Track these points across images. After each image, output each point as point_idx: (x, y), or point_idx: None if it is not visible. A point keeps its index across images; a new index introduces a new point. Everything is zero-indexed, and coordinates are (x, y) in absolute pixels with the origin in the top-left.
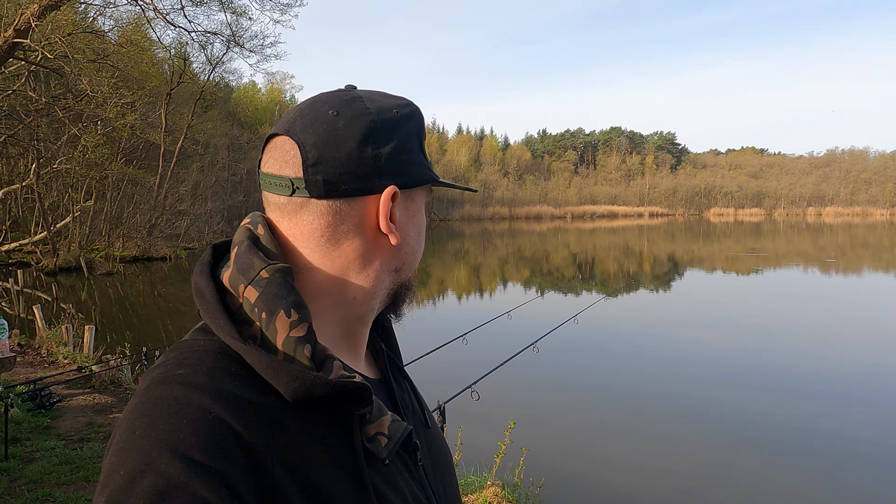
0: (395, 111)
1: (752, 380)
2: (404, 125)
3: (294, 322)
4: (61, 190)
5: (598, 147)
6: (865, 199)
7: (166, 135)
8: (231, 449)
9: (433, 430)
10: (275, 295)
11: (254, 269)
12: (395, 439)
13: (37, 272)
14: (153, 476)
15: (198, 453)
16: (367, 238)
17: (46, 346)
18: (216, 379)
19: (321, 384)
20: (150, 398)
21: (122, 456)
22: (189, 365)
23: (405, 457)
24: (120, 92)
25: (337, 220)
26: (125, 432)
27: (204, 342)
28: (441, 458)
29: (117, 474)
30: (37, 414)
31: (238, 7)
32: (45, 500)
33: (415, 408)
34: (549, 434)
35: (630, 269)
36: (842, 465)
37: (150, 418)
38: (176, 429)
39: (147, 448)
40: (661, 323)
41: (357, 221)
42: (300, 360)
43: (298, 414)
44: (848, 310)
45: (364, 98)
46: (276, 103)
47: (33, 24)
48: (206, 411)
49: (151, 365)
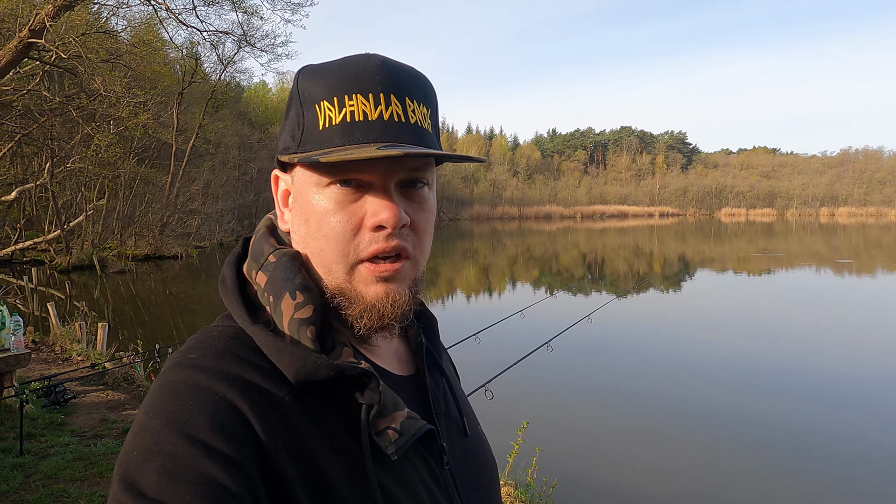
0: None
1: (767, 382)
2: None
3: (299, 304)
4: (74, 189)
5: (609, 147)
6: (880, 200)
7: (178, 134)
8: (237, 429)
9: (473, 439)
10: (281, 278)
11: (263, 254)
12: (408, 436)
13: (50, 270)
14: (162, 457)
15: (204, 433)
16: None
17: (60, 343)
18: (224, 362)
19: (323, 366)
20: (164, 382)
21: (136, 437)
22: (201, 349)
23: (427, 457)
24: (132, 91)
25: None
26: (141, 414)
27: (222, 327)
28: (479, 467)
29: (131, 454)
30: (51, 410)
31: (249, 6)
32: (60, 495)
33: (450, 411)
34: (563, 434)
35: (642, 269)
36: (859, 470)
37: (162, 401)
38: (184, 410)
39: (158, 429)
40: (674, 323)
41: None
42: (304, 342)
43: (306, 399)
44: (864, 311)
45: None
46: (286, 102)
47: (48, 25)
48: (213, 393)
49: (164, 362)
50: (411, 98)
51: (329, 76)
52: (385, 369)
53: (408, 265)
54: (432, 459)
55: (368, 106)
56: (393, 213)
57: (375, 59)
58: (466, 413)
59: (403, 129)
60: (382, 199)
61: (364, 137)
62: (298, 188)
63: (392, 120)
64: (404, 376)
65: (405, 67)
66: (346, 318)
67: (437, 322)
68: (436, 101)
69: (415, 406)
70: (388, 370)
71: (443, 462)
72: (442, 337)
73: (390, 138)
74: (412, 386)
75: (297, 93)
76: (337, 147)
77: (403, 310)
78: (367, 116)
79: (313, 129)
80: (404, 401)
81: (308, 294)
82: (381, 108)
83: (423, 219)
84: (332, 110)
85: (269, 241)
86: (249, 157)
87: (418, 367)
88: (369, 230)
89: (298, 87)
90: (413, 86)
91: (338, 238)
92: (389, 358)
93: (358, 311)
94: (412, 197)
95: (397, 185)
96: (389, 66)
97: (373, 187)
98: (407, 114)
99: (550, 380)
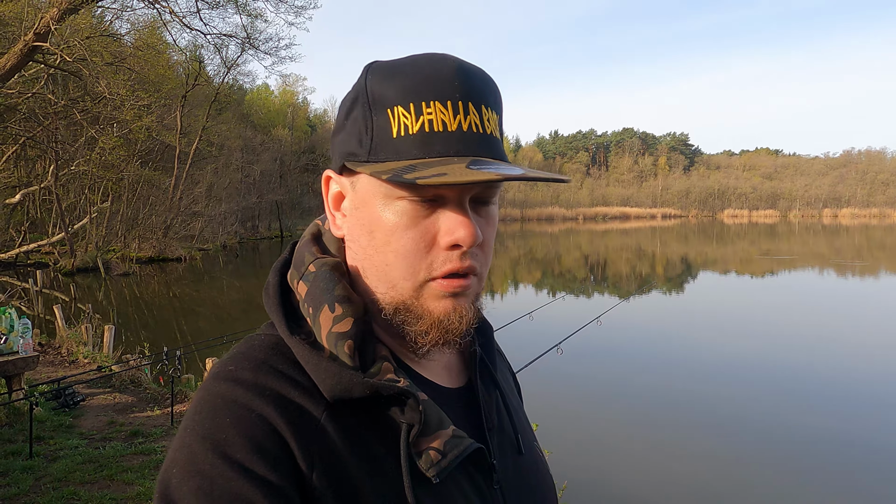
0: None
1: (777, 384)
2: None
3: (338, 317)
4: (79, 191)
5: (611, 148)
6: (883, 201)
7: (181, 137)
8: (273, 449)
9: (528, 457)
10: (321, 290)
11: (304, 263)
12: (451, 457)
13: (55, 273)
14: (199, 478)
15: (241, 453)
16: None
17: (67, 346)
18: (262, 375)
19: (358, 384)
20: (203, 395)
21: (175, 454)
22: (240, 360)
23: (476, 476)
24: (137, 94)
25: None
26: (182, 429)
27: (264, 337)
28: (533, 488)
29: (171, 472)
30: (59, 412)
31: (253, 9)
32: (70, 498)
33: (504, 427)
34: (573, 436)
35: (647, 271)
36: (868, 472)
37: (200, 416)
38: (221, 428)
39: (195, 447)
40: (683, 326)
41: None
42: (341, 357)
43: (343, 416)
44: (872, 312)
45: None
46: (288, 105)
47: (52, 28)
48: (250, 409)
49: (171, 365)
50: (486, 106)
51: (404, 79)
52: (433, 382)
53: (475, 281)
54: (481, 479)
55: (447, 115)
56: (470, 232)
57: (452, 62)
58: (522, 429)
59: (481, 141)
60: (459, 215)
61: (444, 150)
62: (362, 196)
63: (471, 131)
64: (454, 389)
65: (478, 71)
66: (407, 334)
67: (493, 330)
68: (502, 105)
69: (464, 421)
70: (437, 383)
71: (493, 481)
72: None
73: (469, 151)
74: (462, 399)
75: (367, 93)
76: (415, 159)
77: (469, 325)
78: (446, 127)
79: (386, 137)
80: (453, 415)
81: (348, 306)
82: (459, 117)
83: (490, 234)
84: (408, 118)
85: (310, 250)
86: (252, 160)
87: (471, 378)
88: (444, 248)
89: (367, 86)
90: (487, 91)
91: (409, 255)
92: (439, 370)
93: (425, 326)
94: (481, 213)
95: (470, 200)
96: (466, 71)
97: (447, 202)
98: (483, 123)
99: (560, 382)
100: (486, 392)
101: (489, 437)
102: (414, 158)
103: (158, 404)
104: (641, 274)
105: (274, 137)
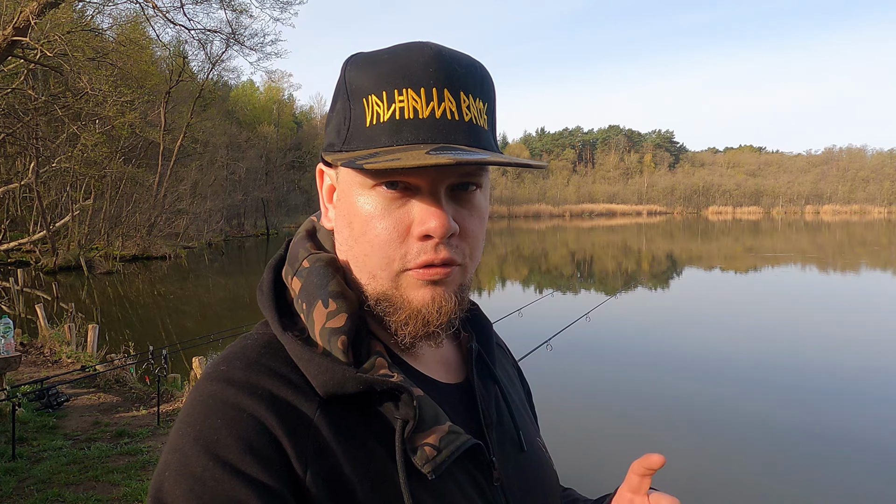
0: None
1: (762, 379)
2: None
3: (331, 312)
4: (60, 189)
5: (597, 145)
6: (863, 198)
7: (165, 133)
8: (265, 450)
9: (531, 454)
10: (314, 285)
11: (298, 259)
12: (447, 453)
13: (36, 271)
14: (191, 480)
15: (233, 454)
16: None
17: (49, 346)
18: (253, 374)
19: (351, 380)
20: (195, 396)
21: (168, 456)
22: (232, 360)
23: (475, 473)
24: (119, 90)
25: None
26: (174, 431)
27: (257, 335)
28: (535, 485)
29: (164, 474)
30: (42, 413)
31: (238, 4)
32: (55, 500)
33: (504, 423)
34: (563, 433)
35: (632, 268)
36: (856, 466)
37: (192, 417)
38: (212, 429)
39: (187, 449)
40: (672, 321)
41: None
42: (335, 352)
43: (337, 413)
44: (854, 307)
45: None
46: (274, 102)
47: (32, 22)
48: (241, 409)
49: (157, 364)
50: (467, 93)
51: (379, 67)
52: (429, 377)
53: (457, 270)
54: (480, 475)
55: (419, 102)
56: (441, 222)
57: (429, 49)
58: (524, 425)
59: (457, 129)
60: (430, 205)
61: (413, 137)
62: (343, 187)
63: (445, 118)
64: (451, 384)
65: (461, 57)
66: (390, 326)
67: (492, 325)
68: (493, 93)
69: (462, 417)
70: (434, 378)
71: (492, 478)
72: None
73: (442, 139)
74: (460, 395)
75: (345, 84)
76: (384, 147)
77: (450, 316)
78: (417, 114)
79: (360, 126)
80: (450, 411)
81: (342, 302)
82: (433, 104)
83: (474, 225)
84: (381, 106)
85: (304, 246)
86: (238, 157)
87: (468, 374)
88: (416, 239)
89: (346, 77)
90: (469, 78)
91: (383, 245)
92: (436, 365)
93: (403, 317)
94: (463, 202)
95: (447, 188)
96: (444, 57)
97: (421, 192)
98: (461, 111)
99: (550, 379)
100: (483, 387)
101: (488, 434)
102: (382, 146)
103: (144, 404)
104: (628, 271)
105: (259, 134)
